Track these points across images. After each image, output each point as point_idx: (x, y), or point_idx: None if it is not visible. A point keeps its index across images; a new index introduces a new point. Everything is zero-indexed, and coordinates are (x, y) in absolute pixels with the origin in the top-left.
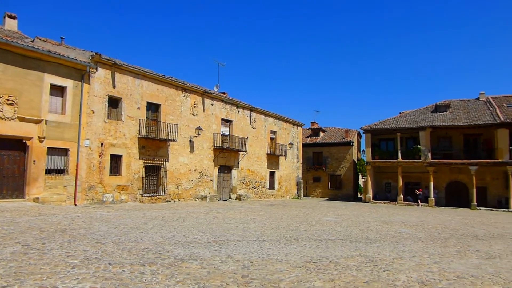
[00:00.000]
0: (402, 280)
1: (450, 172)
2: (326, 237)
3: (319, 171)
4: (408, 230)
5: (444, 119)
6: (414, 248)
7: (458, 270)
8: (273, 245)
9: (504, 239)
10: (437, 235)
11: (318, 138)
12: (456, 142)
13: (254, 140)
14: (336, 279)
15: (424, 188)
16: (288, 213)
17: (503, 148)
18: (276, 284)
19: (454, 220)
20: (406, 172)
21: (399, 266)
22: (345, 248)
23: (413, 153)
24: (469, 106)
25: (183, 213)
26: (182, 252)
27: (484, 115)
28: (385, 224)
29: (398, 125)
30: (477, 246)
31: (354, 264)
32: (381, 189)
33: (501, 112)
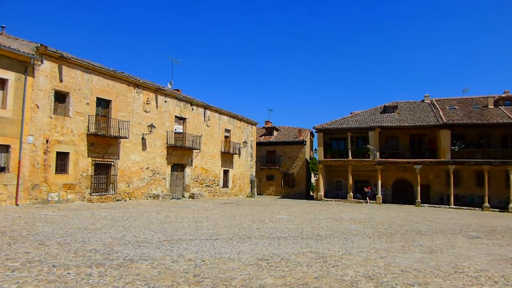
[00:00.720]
0: (350, 275)
1: (396, 171)
2: (278, 235)
3: (272, 169)
4: (357, 226)
5: (391, 120)
6: (362, 244)
7: (402, 264)
8: (225, 243)
9: (444, 234)
10: (384, 231)
11: (272, 137)
12: (402, 142)
13: (208, 138)
14: (287, 276)
15: (373, 186)
16: (242, 212)
17: (445, 148)
18: (228, 282)
19: (400, 217)
20: (356, 170)
21: (348, 262)
22: (297, 245)
23: (363, 152)
24: (415, 108)
25: (134, 213)
26: (132, 253)
27: (428, 117)
28: (335, 221)
29: (349, 125)
30: (420, 241)
31: (304, 260)
32: (332, 187)
33: (443, 114)
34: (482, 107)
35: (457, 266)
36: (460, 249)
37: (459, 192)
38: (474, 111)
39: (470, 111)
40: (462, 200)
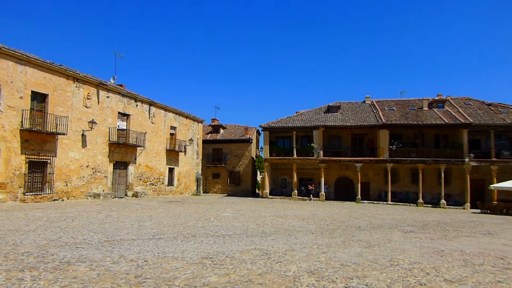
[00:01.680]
0: (293, 271)
1: (339, 169)
2: (223, 233)
3: (218, 167)
4: (301, 223)
5: (335, 120)
6: (305, 240)
7: (342, 259)
8: (169, 242)
9: (382, 229)
10: (326, 227)
11: (218, 134)
12: (345, 141)
13: (153, 135)
14: (231, 273)
15: (317, 184)
16: (187, 210)
17: (384, 147)
18: (171, 282)
19: (341, 213)
20: (301, 168)
21: (291, 258)
22: (242, 242)
23: (307, 151)
24: (357, 108)
25: (72, 213)
26: (69, 255)
27: (369, 117)
28: (280, 218)
29: (294, 124)
30: (360, 236)
31: (249, 257)
32: (277, 185)
33: (383, 114)
34: (417, 108)
35: (393, 259)
36: (396, 243)
37: (396, 189)
38: (410, 113)
39: (406, 112)
40: (399, 196)
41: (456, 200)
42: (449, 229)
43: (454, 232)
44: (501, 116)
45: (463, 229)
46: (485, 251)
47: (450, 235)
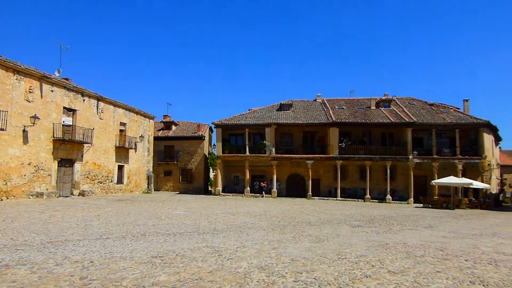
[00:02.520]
0: (243, 267)
1: (291, 166)
2: (174, 231)
3: (170, 164)
4: (252, 220)
5: (287, 117)
6: (256, 236)
7: (292, 254)
8: (117, 242)
9: (331, 224)
10: (277, 224)
11: (170, 131)
12: (296, 139)
13: (101, 131)
14: (181, 272)
15: (269, 181)
16: (137, 208)
17: (333, 144)
18: (118, 282)
19: (293, 209)
20: (253, 165)
21: (242, 254)
22: (193, 240)
23: (260, 148)
24: (308, 106)
25: (12, 213)
26: (8, 257)
27: (320, 115)
28: (232, 215)
29: (247, 121)
30: (310, 231)
31: (200, 255)
32: (230, 182)
33: (333, 113)
34: (365, 107)
35: (340, 253)
36: (344, 237)
37: (345, 185)
38: (359, 111)
39: (355, 111)
40: (348, 192)
41: (400, 195)
42: (394, 223)
43: (398, 226)
44: (442, 116)
45: (407, 222)
46: (426, 243)
47: (394, 229)
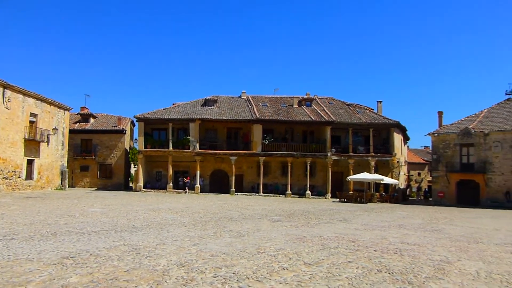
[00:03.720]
0: (162, 265)
1: (214, 161)
2: (89, 229)
3: (87, 159)
4: (174, 216)
5: (211, 113)
6: (177, 233)
7: (213, 250)
8: (24, 243)
9: (252, 219)
10: (199, 220)
11: (88, 124)
12: (220, 134)
13: (8, 122)
14: (95, 272)
15: (192, 176)
16: (48, 206)
17: (257, 141)
18: (22, 286)
19: (215, 205)
20: (176, 161)
21: (161, 251)
22: (109, 239)
23: (183, 143)
24: (233, 103)
25: None
26: None
27: (244, 112)
28: (152, 212)
29: (171, 116)
30: (231, 226)
31: (116, 254)
32: (152, 178)
33: (257, 110)
34: (288, 106)
35: (260, 247)
36: (264, 232)
37: (267, 181)
38: (282, 109)
39: (279, 108)
40: (270, 188)
41: (319, 190)
42: (312, 217)
43: (316, 220)
44: (358, 116)
45: (324, 216)
46: (340, 235)
47: (312, 223)
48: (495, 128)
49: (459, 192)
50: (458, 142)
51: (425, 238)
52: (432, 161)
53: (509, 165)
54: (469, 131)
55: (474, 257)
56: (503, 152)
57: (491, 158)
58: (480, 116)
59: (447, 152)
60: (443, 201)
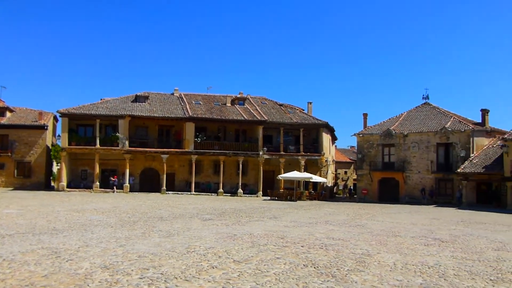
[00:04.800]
0: (85, 268)
1: (145, 160)
2: (3, 232)
3: (3, 156)
4: (100, 217)
5: (142, 110)
6: (102, 234)
7: (141, 250)
8: None
9: (183, 218)
10: (127, 220)
11: (4, 118)
12: (152, 132)
13: None
14: (8, 279)
15: (121, 175)
16: None
17: (189, 139)
18: None
19: (145, 204)
20: (104, 159)
21: (84, 254)
22: (26, 242)
23: (112, 141)
24: (165, 100)
25: None
26: None
27: (176, 109)
28: (76, 213)
29: (99, 112)
30: (161, 226)
31: (33, 258)
32: (77, 177)
33: (190, 108)
34: (222, 104)
35: (190, 246)
36: (195, 230)
37: (200, 179)
38: (215, 108)
39: (212, 107)
40: (202, 186)
41: (251, 189)
42: (243, 215)
43: (247, 218)
44: (289, 116)
45: (254, 214)
46: (270, 232)
47: (243, 221)
48: (413, 130)
49: (381, 189)
50: (380, 143)
51: (349, 233)
52: (357, 160)
53: (425, 164)
54: (391, 132)
55: (392, 250)
56: (420, 152)
57: (409, 158)
58: (400, 118)
59: (370, 152)
60: (366, 198)
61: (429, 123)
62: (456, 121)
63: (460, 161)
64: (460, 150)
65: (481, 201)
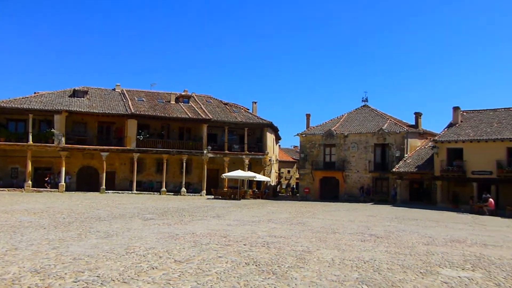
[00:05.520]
0: (13, 272)
1: (83, 157)
2: None
3: None
4: (31, 218)
5: (81, 105)
6: (34, 236)
7: (76, 252)
8: None
9: (123, 218)
10: (62, 221)
11: None
12: (91, 129)
13: None
14: None
15: (56, 173)
16: None
17: (131, 136)
18: None
19: (82, 204)
20: (38, 156)
21: (12, 258)
22: None
23: (46, 137)
24: (106, 95)
25: None
26: None
27: (118, 106)
28: (4, 214)
29: (32, 106)
30: (99, 227)
31: None
32: (6, 175)
33: (132, 104)
34: (166, 102)
35: (129, 247)
36: (135, 231)
37: (142, 178)
38: (159, 105)
39: (155, 104)
40: (144, 185)
41: (195, 188)
42: (186, 214)
43: (189, 217)
44: (234, 115)
45: (197, 213)
46: (213, 231)
47: (185, 220)
48: (353, 131)
49: (322, 188)
50: (322, 143)
51: (291, 231)
52: (300, 160)
53: (363, 163)
54: (332, 133)
55: (331, 246)
56: (359, 152)
57: (349, 157)
58: (341, 119)
59: (313, 152)
60: (308, 197)
61: (368, 124)
62: (392, 123)
63: (395, 161)
64: (396, 150)
65: (414, 198)
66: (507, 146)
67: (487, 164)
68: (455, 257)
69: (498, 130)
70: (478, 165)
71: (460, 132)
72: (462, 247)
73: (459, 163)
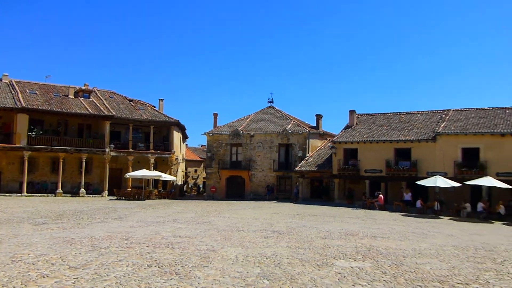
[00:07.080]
0: None
1: None
2: None
3: None
4: None
5: None
6: None
7: None
8: None
9: (10, 223)
10: None
11: None
12: None
13: None
14: None
15: None
16: None
17: (21, 133)
18: None
19: None
20: None
21: None
22: None
23: None
24: None
25: None
26: None
27: (5, 98)
28: None
29: None
30: None
31: None
32: None
33: (23, 97)
34: (63, 96)
35: (16, 255)
36: (24, 237)
37: (34, 178)
38: (55, 99)
39: (51, 98)
40: (37, 187)
41: (96, 188)
42: (84, 217)
43: (88, 220)
44: (139, 112)
45: (97, 216)
46: (113, 234)
47: (83, 223)
48: (259, 131)
49: (229, 187)
50: (229, 142)
51: (196, 230)
52: (207, 159)
53: (268, 163)
54: (238, 132)
55: (235, 244)
56: (264, 151)
57: (255, 157)
58: (248, 119)
59: (220, 151)
60: (215, 196)
61: (273, 125)
62: (295, 124)
63: (298, 161)
64: (298, 150)
65: (314, 196)
66: (395, 147)
67: (378, 163)
68: (348, 249)
69: (387, 132)
70: (370, 164)
71: (355, 133)
72: (355, 239)
73: (354, 162)
